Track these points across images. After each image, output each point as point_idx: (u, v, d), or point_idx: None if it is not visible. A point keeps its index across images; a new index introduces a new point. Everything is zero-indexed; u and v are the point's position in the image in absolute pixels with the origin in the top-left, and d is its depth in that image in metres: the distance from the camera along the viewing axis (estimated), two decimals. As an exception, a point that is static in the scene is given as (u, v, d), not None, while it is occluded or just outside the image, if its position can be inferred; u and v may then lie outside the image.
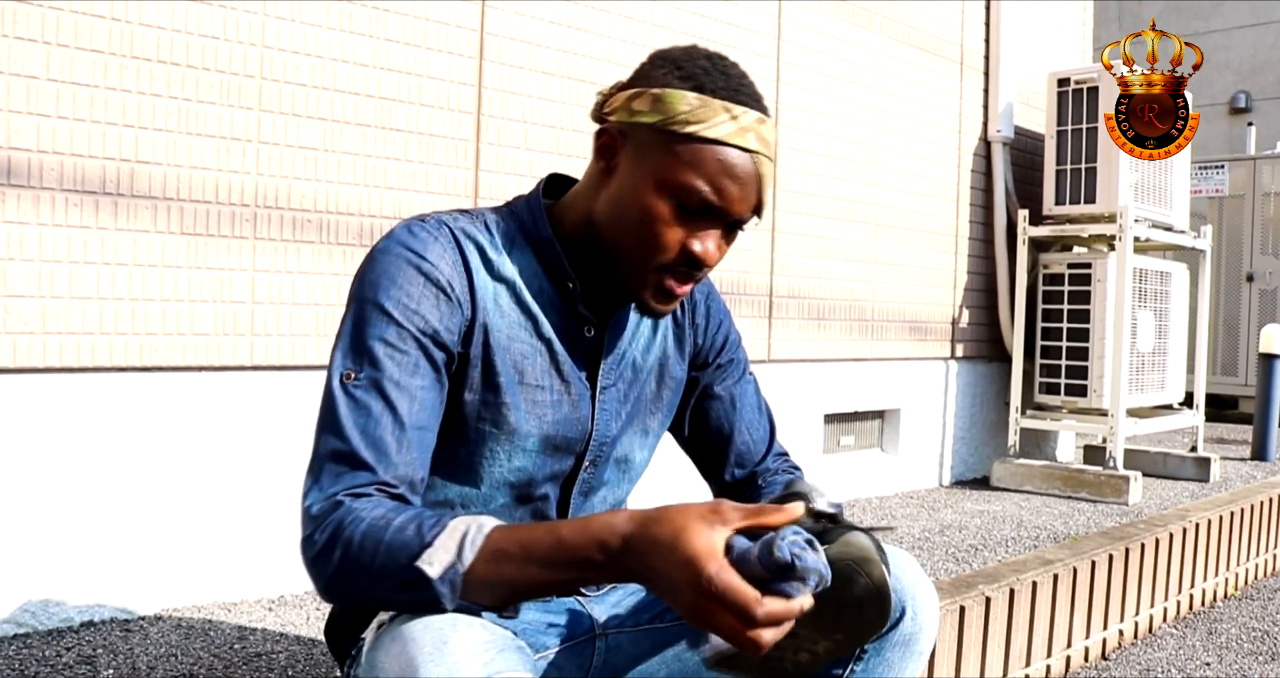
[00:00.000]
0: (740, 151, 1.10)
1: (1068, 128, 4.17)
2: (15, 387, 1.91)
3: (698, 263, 1.14)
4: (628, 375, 1.29)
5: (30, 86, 1.91)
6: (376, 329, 1.09)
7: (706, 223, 1.13)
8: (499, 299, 1.17)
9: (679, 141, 1.10)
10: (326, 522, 1.01)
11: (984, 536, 3.15)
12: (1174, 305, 4.46)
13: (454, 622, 0.98)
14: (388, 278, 1.11)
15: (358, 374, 1.08)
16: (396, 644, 0.99)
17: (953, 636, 2.20)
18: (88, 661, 1.79)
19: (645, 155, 1.12)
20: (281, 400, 2.24)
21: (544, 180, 1.26)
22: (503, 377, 1.17)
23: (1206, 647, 2.86)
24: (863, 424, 3.93)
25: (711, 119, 1.09)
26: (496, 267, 1.18)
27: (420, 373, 1.10)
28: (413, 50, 2.43)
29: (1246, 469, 4.76)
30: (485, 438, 1.18)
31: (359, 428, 1.06)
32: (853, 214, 3.71)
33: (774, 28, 3.39)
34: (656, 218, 1.12)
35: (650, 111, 1.11)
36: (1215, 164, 7.71)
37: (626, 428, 1.30)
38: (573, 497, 1.27)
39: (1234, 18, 10.56)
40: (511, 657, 0.96)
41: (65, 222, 1.96)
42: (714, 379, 1.40)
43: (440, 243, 1.14)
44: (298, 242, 2.26)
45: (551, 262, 1.20)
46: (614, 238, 1.15)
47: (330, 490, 1.03)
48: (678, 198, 1.11)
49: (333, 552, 1.00)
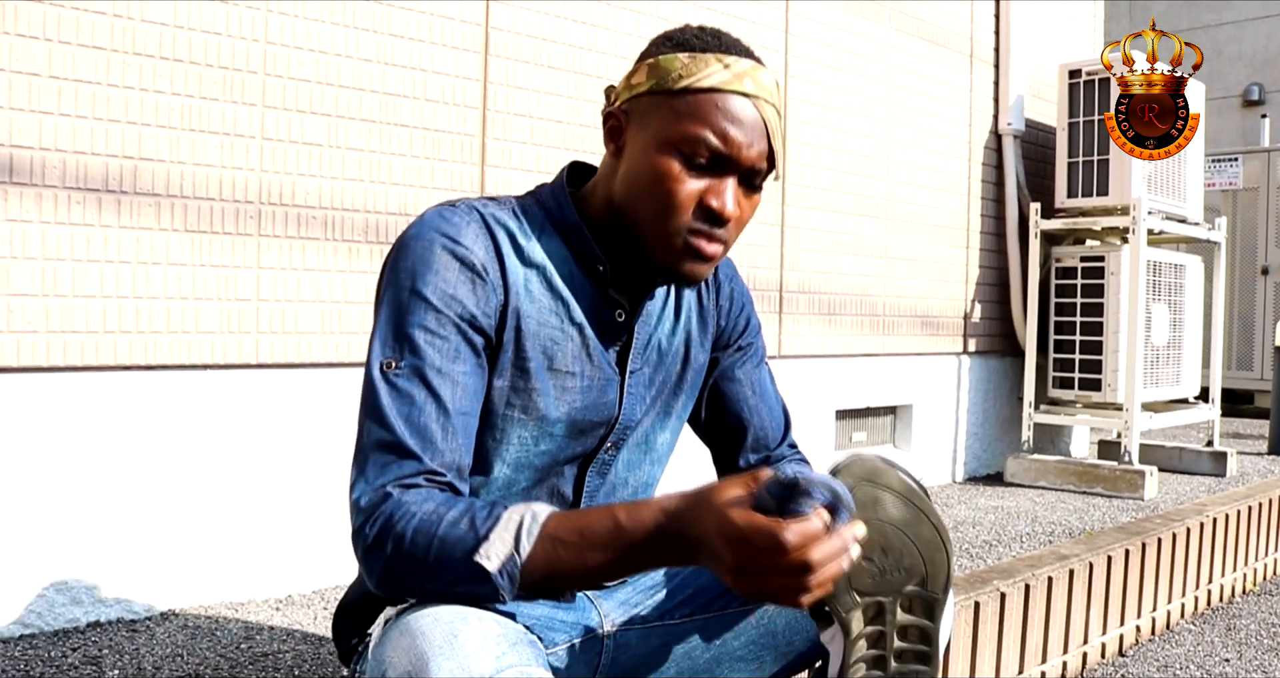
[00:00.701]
0: (739, 97, 1.10)
1: (1079, 120, 4.13)
2: (20, 386, 1.90)
3: (718, 217, 1.12)
4: (653, 359, 1.29)
5: (32, 84, 1.89)
6: (415, 316, 1.09)
7: (718, 174, 1.12)
8: (529, 284, 1.17)
9: (676, 97, 1.10)
10: (376, 515, 1.01)
11: (998, 531, 3.12)
12: (1188, 298, 4.41)
13: (464, 615, 0.97)
14: (423, 264, 1.10)
15: (399, 362, 1.07)
16: (405, 639, 0.97)
17: (967, 632, 2.17)
18: (93, 661, 1.77)
19: (648, 121, 1.12)
20: (288, 399, 2.22)
21: (566, 168, 1.26)
22: (533, 362, 1.16)
23: (1225, 643, 2.82)
24: (875, 420, 3.90)
25: (704, 70, 1.10)
26: (527, 252, 1.17)
27: (461, 359, 1.09)
28: (417, 45, 2.41)
29: (1264, 464, 4.72)
30: (513, 423, 1.17)
31: (403, 416, 1.05)
32: (863, 208, 3.69)
33: (781, 21, 3.37)
34: (667, 176, 1.11)
35: (646, 80, 1.13)
36: (1229, 157, 7.66)
37: (651, 411, 1.30)
38: (588, 476, 1.27)
39: (1246, 10, 10.49)
40: (524, 651, 0.95)
41: (68, 219, 1.94)
42: (734, 362, 1.39)
43: (473, 227, 1.14)
44: (303, 238, 2.24)
45: (580, 246, 1.20)
46: (635, 211, 1.15)
47: (378, 482, 1.03)
48: (683, 152, 1.10)
49: (384, 546, 0.99)
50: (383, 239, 2.36)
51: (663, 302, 1.30)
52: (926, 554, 1.09)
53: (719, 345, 1.38)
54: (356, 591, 1.24)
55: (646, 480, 1.36)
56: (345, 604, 1.26)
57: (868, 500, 1.04)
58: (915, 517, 1.08)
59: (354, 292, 2.31)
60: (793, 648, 1.33)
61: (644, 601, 1.34)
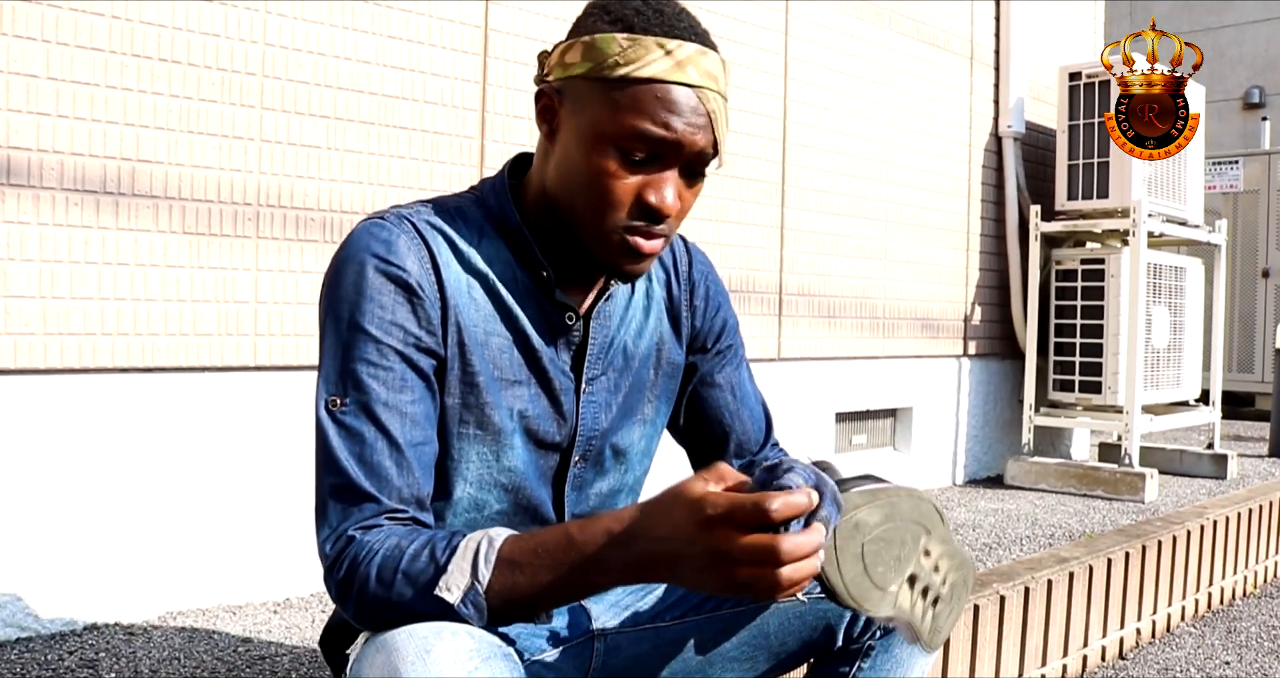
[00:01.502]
0: (681, 88, 1.03)
1: (1080, 122, 4.13)
2: (16, 388, 1.89)
3: (656, 214, 1.06)
4: (618, 363, 1.23)
5: (30, 85, 1.89)
6: (357, 350, 1.05)
7: (658, 168, 1.05)
8: (472, 292, 1.11)
9: (613, 87, 1.03)
10: (341, 559, 1.00)
11: (998, 534, 3.11)
12: (1189, 301, 4.41)
13: (438, 630, 0.95)
14: (357, 291, 1.05)
15: (344, 400, 1.04)
16: (380, 655, 0.96)
17: (967, 635, 2.16)
18: (90, 665, 1.77)
19: (582, 109, 1.05)
20: (285, 401, 2.22)
21: (510, 161, 1.20)
22: (481, 376, 1.11)
23: (1226, 646, 2.82)
24: (875, 423, 3.90)
25: (644, 57, 1.02)
26: (467, 258, 1.12)
27: (408, 388, 1.06)
28: (416, 47, 2.41)
29: (1264, 466, 4.71)
30: (470, 441, 1.13)
31: (355, 457, 1.03)
32: (862, 211, 3.68)
33: (781, 23, 3.37)
34: (603, 172, 1.04)
35: (581, 61, 1.04)
36: (1229, 160, 7.65)
37: (622, 419, 1.25)
38: (566, 493, 1.22)
39: (1247, 12, 10.49)
40: (497, 664, 0.93)
41: (66, 221, 1.94)
42: (713, 366, 1.34)
43: (404, 240, 1.07)
44: (301, 241, 2.24)
45: (522, 250, 1.14)
46: (568, 204, 1.08)
47: (340, 527, 1.02)
48: (620, 147, 1.03)
49: (352, 588, 0.99)
50: (381, 241, 2.35)
51: (625, 301, 1.24)
52: (919, 519, 1.09)
53: (695, 348, 1.33)
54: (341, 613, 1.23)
55: (628, 485, 1.31)
56: (331, 626, 1.25)
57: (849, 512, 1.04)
58: (888, 502, 1.07)
59: (352, 294, 2.31)
60: (785, 648, 1.32)
61: (635, 602, 1.32)
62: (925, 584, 1.09)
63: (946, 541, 1.12)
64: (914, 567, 1.08)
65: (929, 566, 1.09)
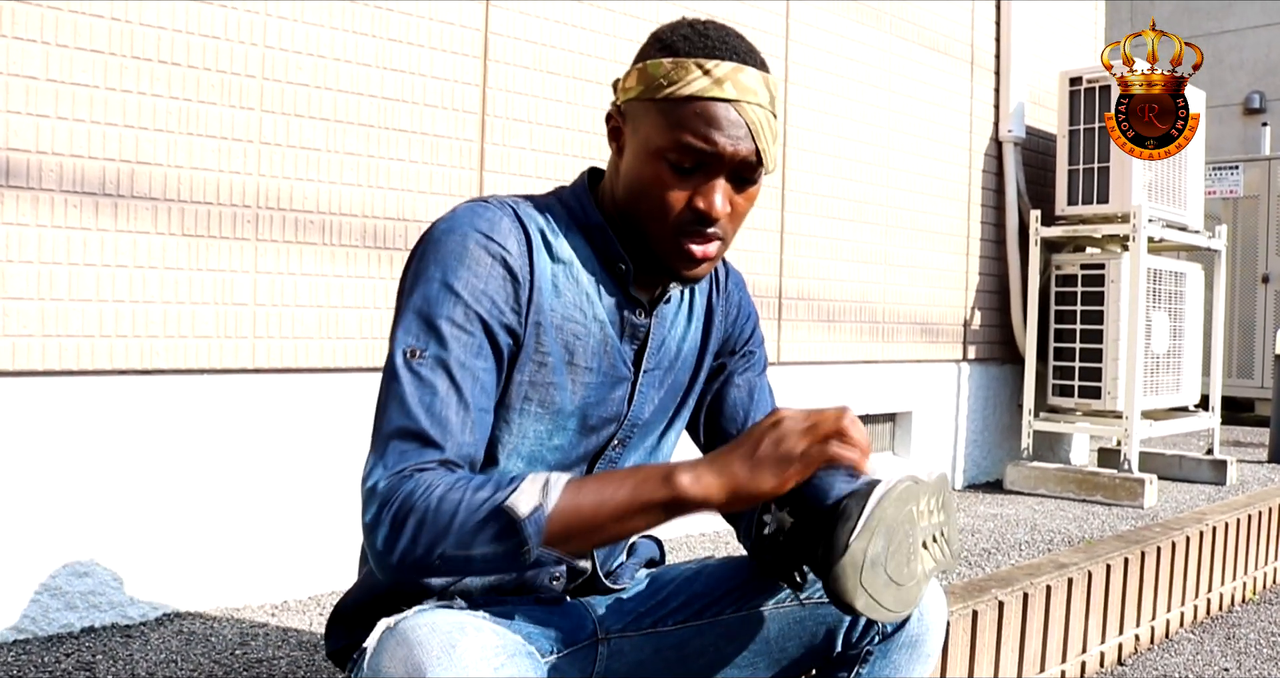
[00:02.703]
0: (720, 103, 1.12)
1: (1080, 127, 4.13)
2: (14, 390, 1.89)
3: (705, 218, 1.15)
4: (665, 363, 1.31)
5: (29, 87, 1.89)
6: (444, 308, 1.09)
7: (705, 177, 1.15)
8: (556, 280, 1.19)
9: (660, 105, 1.13)
10: (395, 495, 1.00)
11: (997, 539, 3.11)
12: (1189, 306, 4.41)
13: (462, 625, 0.98)
14: (456, 258, 1.11)
15: (423, 352, 1.08)
16: (402, 649, 0.98)
17: (966, 640, 2.16)
18: (87, 667, 1.77)
19: (639, 127, 1.16)
20: (284, 404, 2.22)
21: (587, 172, 1.29)
22: (553, 356, 1.18)
23: (1225, 652, 2.81)
24: (874, 427, 3.89)
25: (685, 78, 1.12)
26: (555, 248, 1.20)
27: (484, 356, 1.10)
28: (416, 50, 2.41)
29: (1264, 472, 4.71)
30: (529, 417, 1.19)
31: (425, 406, 1.05)
32: (862, 215, 3.68)
33: (782, 27, 3.37)
34: (658, 182, 1.15)
35: (636, 85, 1.16)
36: (1230, 165, 7.66)
37: (659, 414, 1.31)
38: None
39: (1247, 18, 10.49)
40: (521, 662, 0.96)
41: (65, 223, 1.94)
42: (737, 367, 1.41)
43: (507, 222, 1.16)
44: (300, 243, 2.23)
45: (604, 245, 1.23)
46: (635, 213, 1.18)
47: (396, 467, 1.02)
48: (669, 159, 1.13)
49: (407, 520, 0.99)
50: (380, 244, 2.35)
51: (677, 305, 1.32)
52: (906, 503, 1.17)
53: (725, 350, 1.40)
54: (355, 595, 1.24)
55: None
56: (343, 606, 1.26)
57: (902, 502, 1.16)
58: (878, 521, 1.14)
59: (351, 297, 2.31)
60: (786, 654, 1.34)
61: (638, 608, 1.34)
62: (932, 532, 1.18)
63: (928, 488, 1.19)
64: (920, 533, 1.16)
65: (927, 522, 1.17)
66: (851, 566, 1.09)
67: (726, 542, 2.91)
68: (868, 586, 1.10)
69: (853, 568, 1.09)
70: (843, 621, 1.31)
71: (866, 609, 1.10)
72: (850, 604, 1.09)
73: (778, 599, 1.33)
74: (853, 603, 1.09)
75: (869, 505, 1.13)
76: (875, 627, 1.30)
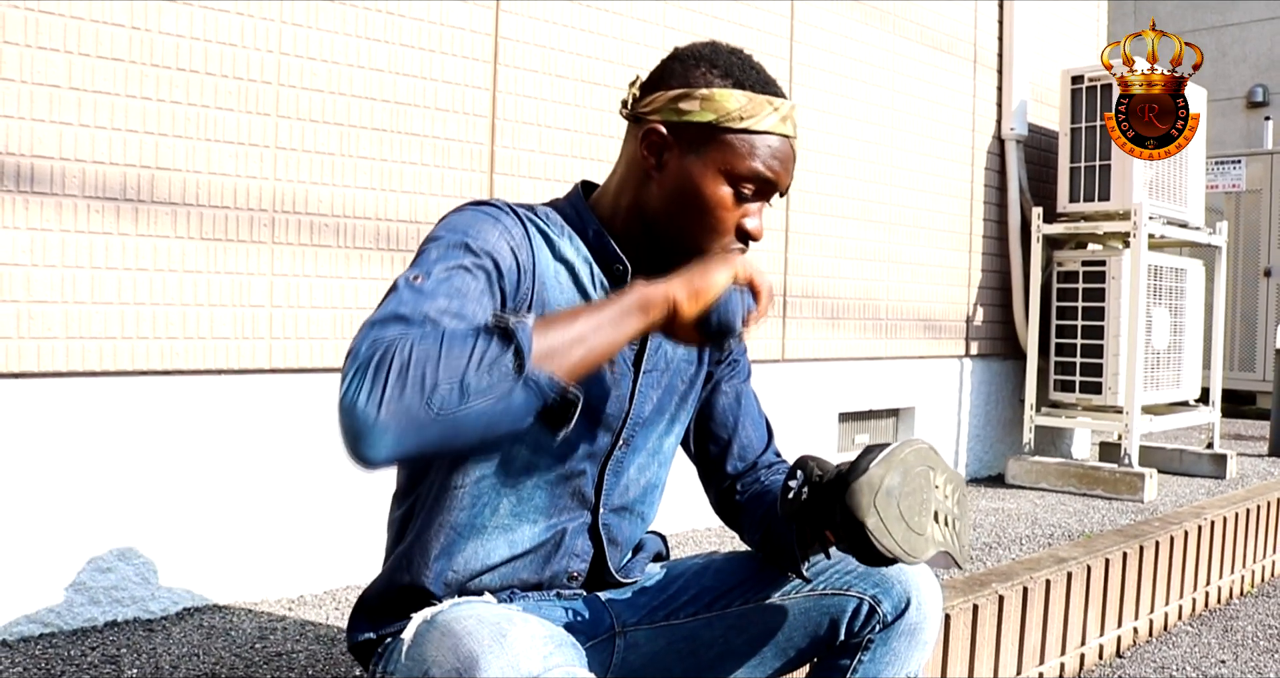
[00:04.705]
0: (782, 138, 1.24)
1: (1082, 125, 4.16)
2: (39, 390, 1.94)
3: (750, 237, 1.26)
4: (662, 365, 1.35)
5: (53, 95, 1.94)
6: (453, 255, 1.12)
7: (755, 203, 1.26)
8: (559, 277, 1.24)
9: (736, 135, 1.22)
10: (376, 349, 0.95)
11: (998, 534, 3.16)
12: (1189, 302, 4.45)
13: (509, 617, 1.01)
14: (466, 223, 1.17)
15: (425, 278, 1.08)
16: (449, 639, 1.00)
17: (966, 634, 2.21)
18: (112, 660, 1.82)
19: (702, 150, 1.22)
20: (300, 403, 2.27)
21: (579, 185, 1.35)
22: None
23: (1222, 644, 2.86)
24: (877, 423, 3.94)
25: (760, 113, 1.22)
26: (557, 247, 1.25)
27: (483, 302, 1.11)
28: (428, 55, 2.45)
29: (1264, 465, 4.75)
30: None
31: (418, 306, 1.03)
32: (866, 213, 3.72)
33: (787, 29, 3.40)
34: (719, 205, 1.23)
35: (702, 111, 1.22)
36: (1232, 159, 7.68)
37: (656, 414, 1.36)
38: (606, 475, 1.32)
39: (1251, 11, 10.49)
40: (569, 652, 0.99)
41: (87, 228, 1.99)
42: (724, 375, 1.47)
43: (510, 217, 1.22)
44: (315, 246, 2.28)
45: (600, 248, 1.28)
46: (675, 225, 1.25)
47: (378, 334, 0.98)
48: (736, 185, 1.22)
49: (390, 365, 0.92)
50: (393, 246, 2.40)
51: None
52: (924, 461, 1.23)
53: (714, 359, 1.45)
54: (379, 588, 1.29)
55: (654, 482, 1.41)
56: (366, 599, 1.30)
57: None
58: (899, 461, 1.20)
59: (365, 298, 2.36)
60: (792, 644, 1.39)
61: (651, 602, 1.39)
62: (946, 514, 1.23)
63: (945, 468, 1.26)
64: (935, 504, 1.22)
65: (941, 496, 1.23)
66: (868, 485, 1.14)
67: (731, 537, 2.96)
68: (880, 508, 1.14)
69: (869, 487, 1.14)
70: (846, 611, 1.36)
71: (874, 530, 1.13)
72: (861, 521, 1.13)
73: (784, 592, 1.38)
74: (864, 520, 1.13)
75: (892, 445, 1.20)
76: (876, 616, 1.35)
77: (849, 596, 1.34)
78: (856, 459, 1.19)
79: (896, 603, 1.34)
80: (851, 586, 1.35)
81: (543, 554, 1.29)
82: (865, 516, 1.13)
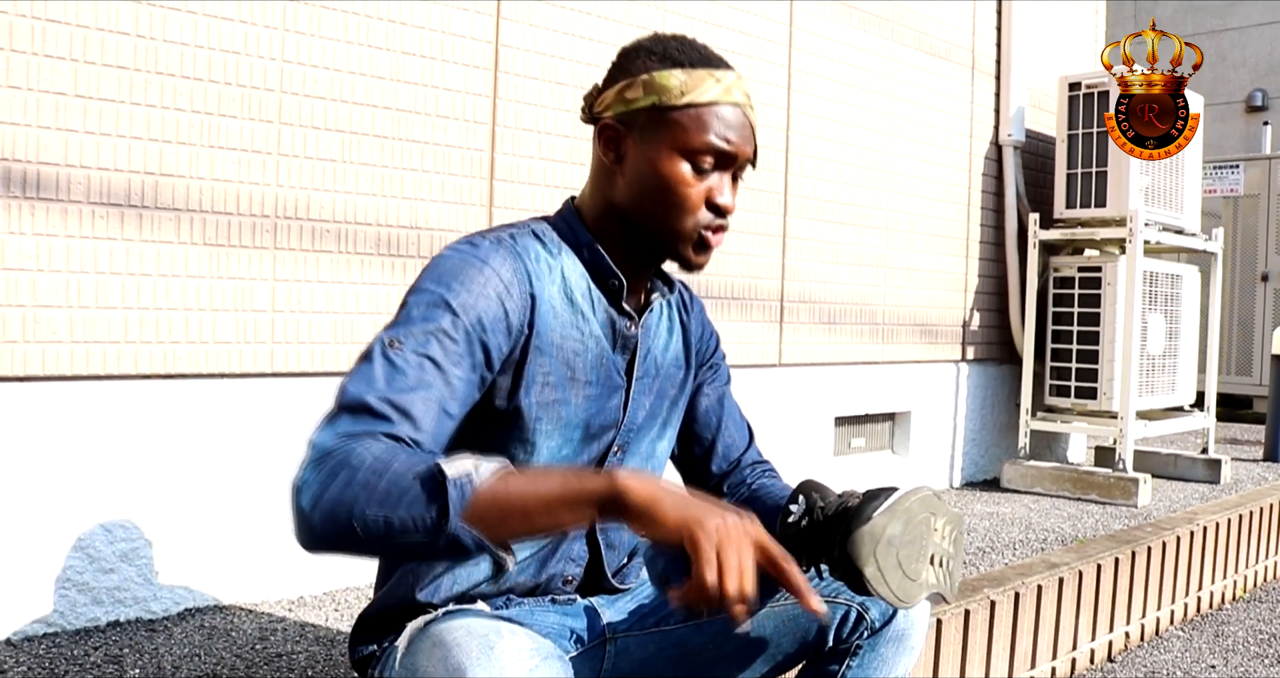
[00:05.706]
0: (732, 106, 1.25)
1: (1079, 132, 4.19)
2: (44, 394, 1.97)
3: (722, 211, 1.27)
4: (652, 371, 1.39)
5: (58, 103, 1.96)
6: (433, 316, 1.12)
7: (718, 175, 1.26)
8: (554, 301, 1.26)
9: (680, 112, 1.23)
10: (337, 448, 0.99)
11: (992, 538, 3.18)
12: (1185, 308, 4.47)
13: (497, 628, 1.03)
14: (450, 273, 1.17)
15: (402, 345, 1.09)
16: (439, 650, 1.02)
17: (958, 639, 2.23)
18: (115, 660, 1.85)
19: (652, 133, 1.25)
20: (301, 406, 2.29)
21: (569, 201, 1.37)
22: (555, 376, 1.25)
23: (1213, 650, 2.89)
24: (873, 426, 3.96)
25: (701, 85, 1.23)
26: (552, 270, 1.27)
27: (463, 366, 1.12)
28: (429, 62, 2.48)
29: (1258, 471, 4.78)
30: (544, 436, 1.26)
31: (390, 385, 1.04)
32: (864, 219, 3.75)
33: (785, 35, 3.43)
34: (680, 182, 1.24)
35: (645, 96, 1.24)
36: (1230, 164, 7.70)
37: (650, 419, 1.39)
38: None
39: (1250, 16, 10.51)
40: (554, 664, 1.01)
41: (92, 233, 2.01)
42: (705, 378, 1.51)
43: (502, 252, 1.21)
44: (317, 251, 2.31)
45: (593, 262, 1.30)
46: (644, 212, 1.27)
47: (345, 430, 1.01)
48: (692, 159, 1.24)
49: (338, 474, 0.97)
50: (394, 252, 2.43)
51: (659, 316, 1.41)
52: (926, 508, 1.25)
53: (695, 363, 1.49)
54: (379, 606, 1.31)
55: None
56: (366, 617, 1.32)
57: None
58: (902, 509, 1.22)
59: (366, 303, 2.38)
60: (781, 649, 1.42)
61: (642, 608, 1.41)
62: (941, 556, 1.25)
63: (946, 512, 1.27)
64: (932, 548, 1.24)
65: (939, 539, 1.25)
66: (870, 535, 1.17)
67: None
68: (880, 558, 1.17)
69: (871, 538, 1.17)
70: (835, 617, 1.38)
71: (872, 579, 1.16)
72: (860, 570, 1.16)
73: (773, 599, 1.40)
74: (863, 569, 1.16)
75: (896, 493, 1.22)
76: (864, 623, 1.37)
77: (837, 603, 1.37)
78: (861, 504, 1.21)
79: (884, 610, 1.37)
80: (840, 593, 1.37)
81: (539, 559, 1.31)
82: (865, 565, 1.16)
